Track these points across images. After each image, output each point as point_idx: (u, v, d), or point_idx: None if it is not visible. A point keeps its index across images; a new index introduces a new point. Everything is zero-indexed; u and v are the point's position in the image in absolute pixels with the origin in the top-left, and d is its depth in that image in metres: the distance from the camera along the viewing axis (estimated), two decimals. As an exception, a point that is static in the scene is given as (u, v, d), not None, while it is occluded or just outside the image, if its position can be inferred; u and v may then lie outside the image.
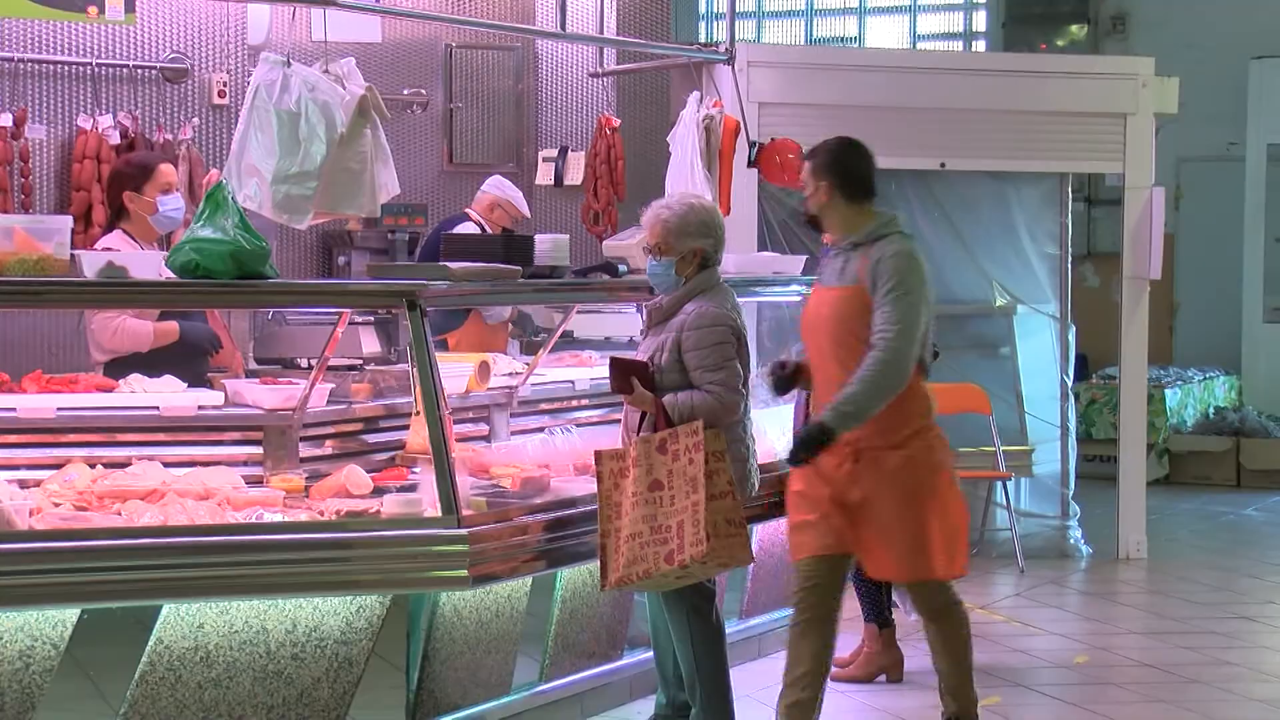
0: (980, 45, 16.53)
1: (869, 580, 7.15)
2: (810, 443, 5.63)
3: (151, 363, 6.47)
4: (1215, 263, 14.81)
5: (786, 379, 5.99)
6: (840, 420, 5.59)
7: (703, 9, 16.79)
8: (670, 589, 5.90)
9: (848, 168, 5.86)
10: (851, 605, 7.42)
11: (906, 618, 7.49)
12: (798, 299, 8.27)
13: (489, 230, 8.60)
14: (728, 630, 7.11)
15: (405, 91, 9.58)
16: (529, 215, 8.95)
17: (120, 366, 6.51)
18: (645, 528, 5.66)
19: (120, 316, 6.61)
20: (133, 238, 6.76)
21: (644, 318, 6.22)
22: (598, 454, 5.85)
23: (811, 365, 5.91)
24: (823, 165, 5.87)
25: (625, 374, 5.90)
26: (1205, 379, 14.27)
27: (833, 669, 7.19)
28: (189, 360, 6.63)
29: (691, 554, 5.56)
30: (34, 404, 5.99)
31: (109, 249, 6.47)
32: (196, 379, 6.48)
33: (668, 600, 5.99)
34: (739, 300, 6.15)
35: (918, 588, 5.95)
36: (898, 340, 5.57)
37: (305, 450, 6.27)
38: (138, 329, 6.64)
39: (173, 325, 6.70)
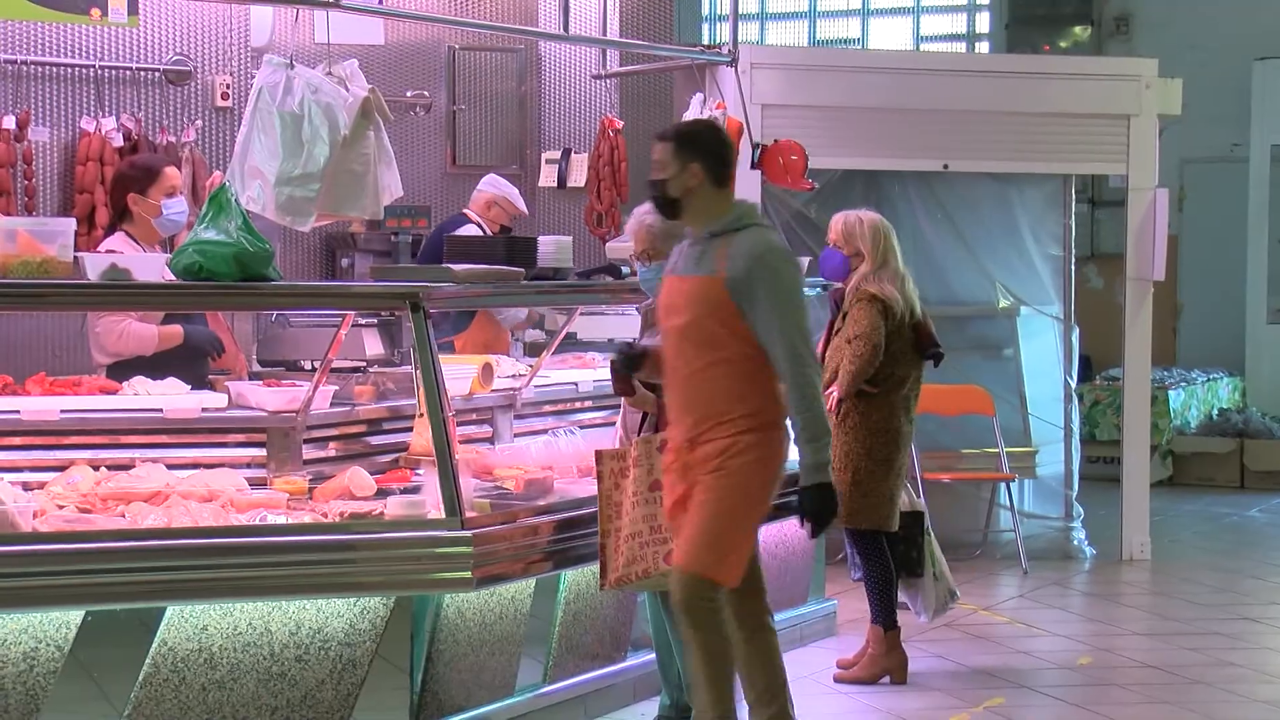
0: (983, 47, 16.54)
1: (877, 582, 7.15)
2: (822, 508, 5.37)
3: (154, 366, 6.48)
4: (1219, 264, 14.81)
5: (633, 358, 5.63)
6: (820, 469, 5.34)
7: (706, 11, 16.80)
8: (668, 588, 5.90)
9: (718, 151, 5.49)
10: (859, 606, 7.43)
11: (916, 619, 7.50)
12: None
13: (487, 229, 8.61)
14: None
15: (408, 93, 9.58)
16: (526, 212, 8.95)
17: (123, 369, 6.52)
18: (645, 527, 5.66)
19: (125, 320, 6.62)
20: (135, 240, 6.77)
21: (640, 320, 6.22)
22: (599, 454, 5.85)
23: (665, 356, 5.55)
24: (694, 146, 5.46)
25: (628, 372, 5.90)
26: (1209, 380, 14.27)
27: (837, 670, 7.23)
28: (191, 363, 6.64)
29: None
30: (38, 406, 6.00)
31: (112, 251, 6.48)
32: (198, 382, 6.49)
33: (667, 601, 5.99)
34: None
35: (686, 580, 5.35)
36: (798, 358, 5.29)
37: (309, 452, 6.28)
38: (143, 333, 6.64)
39: (177, 329, 6.70)
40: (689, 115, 8.66)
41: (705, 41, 14.03)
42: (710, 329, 5.34)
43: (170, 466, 5.98)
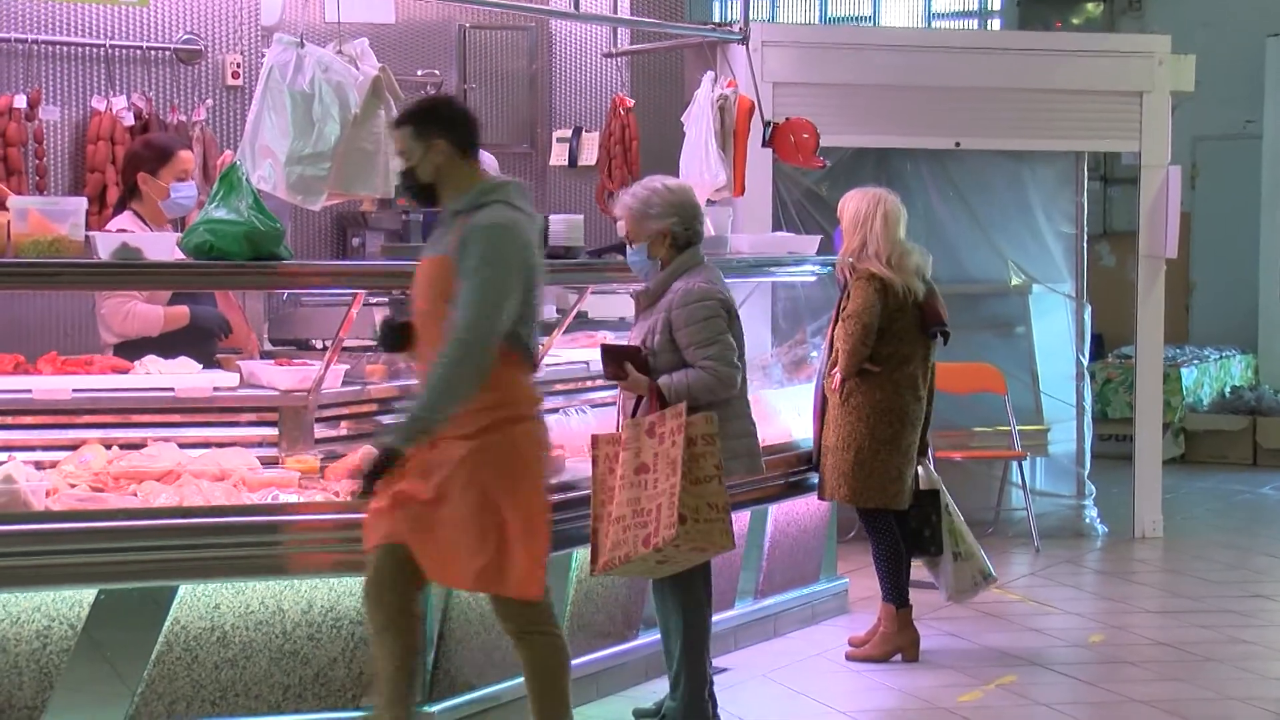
0: (995, 24, 16.49)
1: (886, 559, 7.15)
2: (376, 473, 4.89)
3: (161, 346, 6.47)
4: (1231, 241, 14.76)
5: (396, 330, 5.32)
6: (406, 437, 4.87)
7: (717, -12, 16.75)
8: (657, 576, 5.91)
9: (460, 121, 5.13)
10: (871, 584, 7.44)
11: (942, 598, 7.48)
12: (813, 279, 8.28)
13: None
14: (743, 610, 7.13)
15: (419, 72, 9.56)
16: None
17: (130, 349, 6.52)
18: (629, 511, 5.64)
19: (131, 300, 6.61)
20: (143, 219, 6.77)
21: (634, 304, 6.23)
22: (594, 438, 5.85)
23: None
24: (433, 122, 5.10)
25: (618, 360, 5.93)
26: (1221, 358, 14.24)
27: (848, 648, 7.24)
28: (198, 344, 6.62)
29: (664, 536, 5.51)
30: (49, 385, 6.00)
31: (122, 230, 6.48)
32: (206, 362, 6.49)
33: (657, 595, 6.01)
34: (749, 279, 6.15)
35: (499, 602, 5.13)
36: (471, 330, 4.85)
37: (320, 431, 6.28)
38: (149, 314, 6.64)
39: (183, 310, 6.70)
40: (700, 93, 8.63)
41: (716, 19, 14.00)
42: (442, 312, 4.96)
43: (182, 445, 5.98)
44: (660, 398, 5.78)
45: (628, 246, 6.08)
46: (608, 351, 6.01)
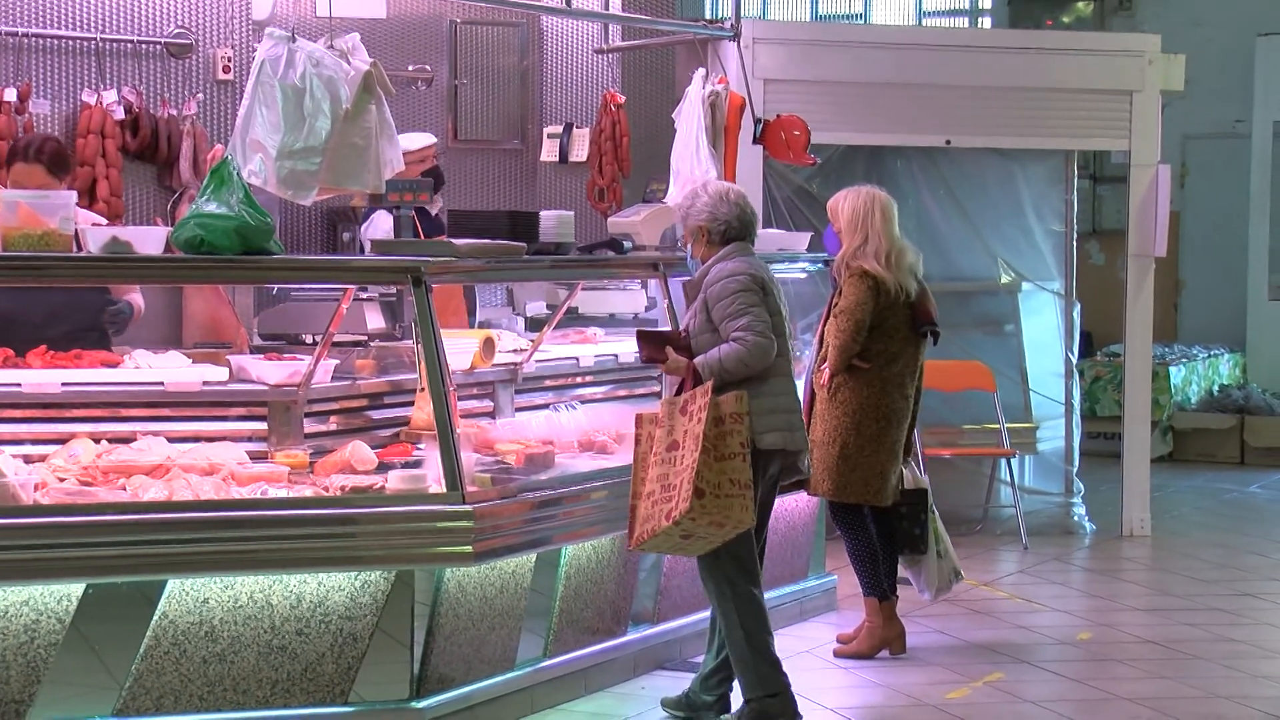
0: (986, 22, 16.49)
1: (861, 554, 7.17)
2: None
3: None
4: (1220, 240, 14.79)
5: None
6: None
7: (708, -15, 16.74)
8: (688, 554, 5.94)
9: None
10: (853, 580, 7.44)
11: (920, 596, 7.49)
12: (803, 276, 8.29)
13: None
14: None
15: (410, 67, 9.55)
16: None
17: None
18: (658, 487, 5.73)
19: None
20: None
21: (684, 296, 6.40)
22: (638, 416, 5.94)
23: None
24: None
25: (658, 342, 6.04)
26: (1210, 356, 14.27)
27: (836, 645, 7.25)
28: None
29: (680, 509, 5.58)
30: (39, 379, 6.00)
31: None
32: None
33: (703, 573, 6.02)
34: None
35: None
36: None
37: (310, 426, 6.28)
38: None
39: None
40: (691, 90, 8.62)
41: (707, 16, 13.99)
42: None
43: (171, 439, 5.99)
44: (698, 376, 5.85)
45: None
46: (645, 335, 6.13)
